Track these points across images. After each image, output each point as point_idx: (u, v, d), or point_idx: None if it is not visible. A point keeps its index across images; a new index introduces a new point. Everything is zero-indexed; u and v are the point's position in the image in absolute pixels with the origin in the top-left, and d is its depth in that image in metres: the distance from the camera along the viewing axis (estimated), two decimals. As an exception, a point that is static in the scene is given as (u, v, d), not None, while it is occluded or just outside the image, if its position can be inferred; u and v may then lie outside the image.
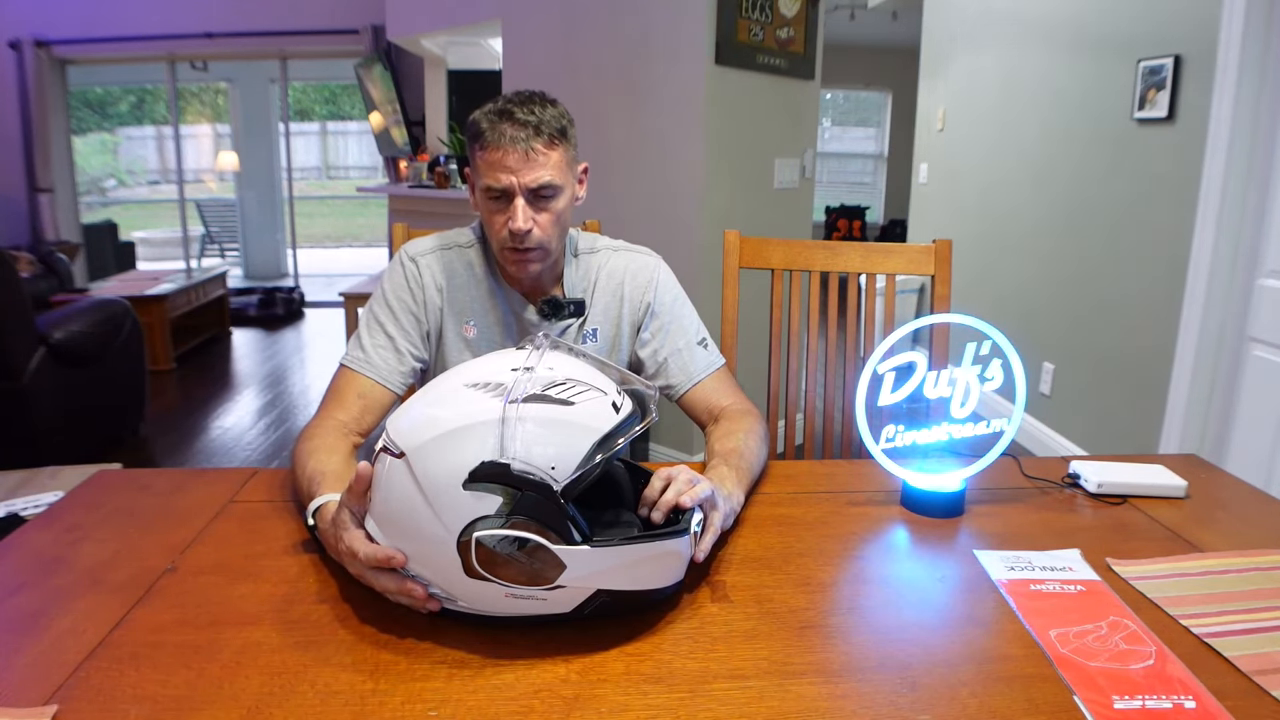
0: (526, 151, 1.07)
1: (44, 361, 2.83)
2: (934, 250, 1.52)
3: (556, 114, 1.11)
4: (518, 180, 1.08)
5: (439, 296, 1.22)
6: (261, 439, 3.57)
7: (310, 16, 5.96)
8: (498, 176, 1.08)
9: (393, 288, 1.22)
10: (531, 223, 1.10)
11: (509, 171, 1.08)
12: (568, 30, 3.18)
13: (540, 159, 1.08)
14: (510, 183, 1.08)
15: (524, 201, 1.09)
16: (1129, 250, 2.82)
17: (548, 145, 1.09)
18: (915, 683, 0.69)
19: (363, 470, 0.76)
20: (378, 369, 1.16)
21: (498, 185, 1.09)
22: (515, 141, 1.07)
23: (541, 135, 1.08)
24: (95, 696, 0.66)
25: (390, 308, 1.21)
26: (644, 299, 1.27)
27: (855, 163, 9.55)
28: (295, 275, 7.25)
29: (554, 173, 1.10)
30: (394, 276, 1.23)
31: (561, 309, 1.21)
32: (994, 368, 1.00)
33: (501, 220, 1.11)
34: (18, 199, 6.14)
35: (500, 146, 1.07)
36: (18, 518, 1.69)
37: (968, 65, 4.12)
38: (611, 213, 2.91)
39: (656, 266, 1.29)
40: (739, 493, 0.98)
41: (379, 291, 1.23)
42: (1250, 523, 1.05)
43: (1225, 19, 2.34)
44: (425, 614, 0.77)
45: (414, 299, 1.21)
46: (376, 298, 1.22)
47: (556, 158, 1.10)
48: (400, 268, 1.23)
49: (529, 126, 1.07)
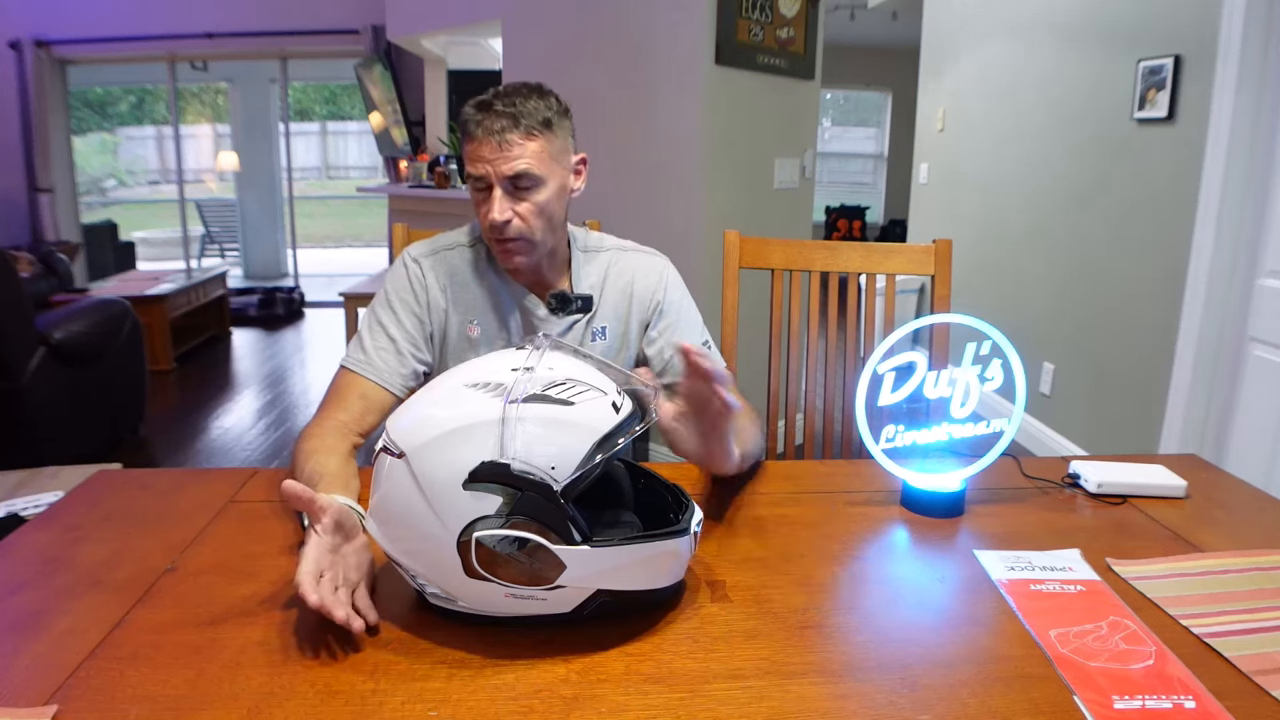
0: (500, 143, 1.08)
1: (44, 361, 2.83)
2: (934, 250, 1.52)
3: (541, 105, 1.11)
4: (493, 170, 1.09)
5: (443, 297, 1.22)
6: (261, 439, 3.57)
7: (310, 16, 5.96)
8: (476, 165, 1.10)
9: (395, 289, 1.22)
10: (510, 213, 1.11)
11: (485, 161, 1.09)
12: (568, 30, 3.19)
13: (515, 149, 1.09)
14: (486, 172, 1.10)
15: (501, 192, 1.10)
16: (1129, 250, 2.82)
17: (525, 136, 1.09)
18: (915, 683, 0.69)
19: (285, 490, 0.76)
20: (379, 371, 1.16)
21: (475, 174, 1.11)
22: (490, 133, 1.08)
23: (519, 126, 1.09)
24: (95, 696, 0.66)
25: (393, 309, 1.20)
26: (653, 298, 1.28)
27: (855, 163, 9.55)
28: (295, 275, 7.25)
29: (531, 163, 1.10)
30: (397, 278, 1.23)
31: (570, 303, 1.22)
32: (994, 368, 1.00)
33: (485, 211, 1.13)
34: (18, 199, 6.14)
35: (477, 137, 1.09)
36: (18, 518, 1.69)
37: (968, 65, 4.13)
38: (611, 213, 2.90)
39: (665, 267, 1.31)
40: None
41: (382, 293, 1.23)
42: (1250, 523, 1.05)
43: (1225, 19, 2.34)
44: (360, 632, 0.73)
45: (417, 300, 1.21)
46: (379, 299, 1.22)
47: (535, 148, 1.10)
48: (404, 269, 1.23)
49: (505, 117, 1.08)
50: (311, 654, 0.72)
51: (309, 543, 0.75)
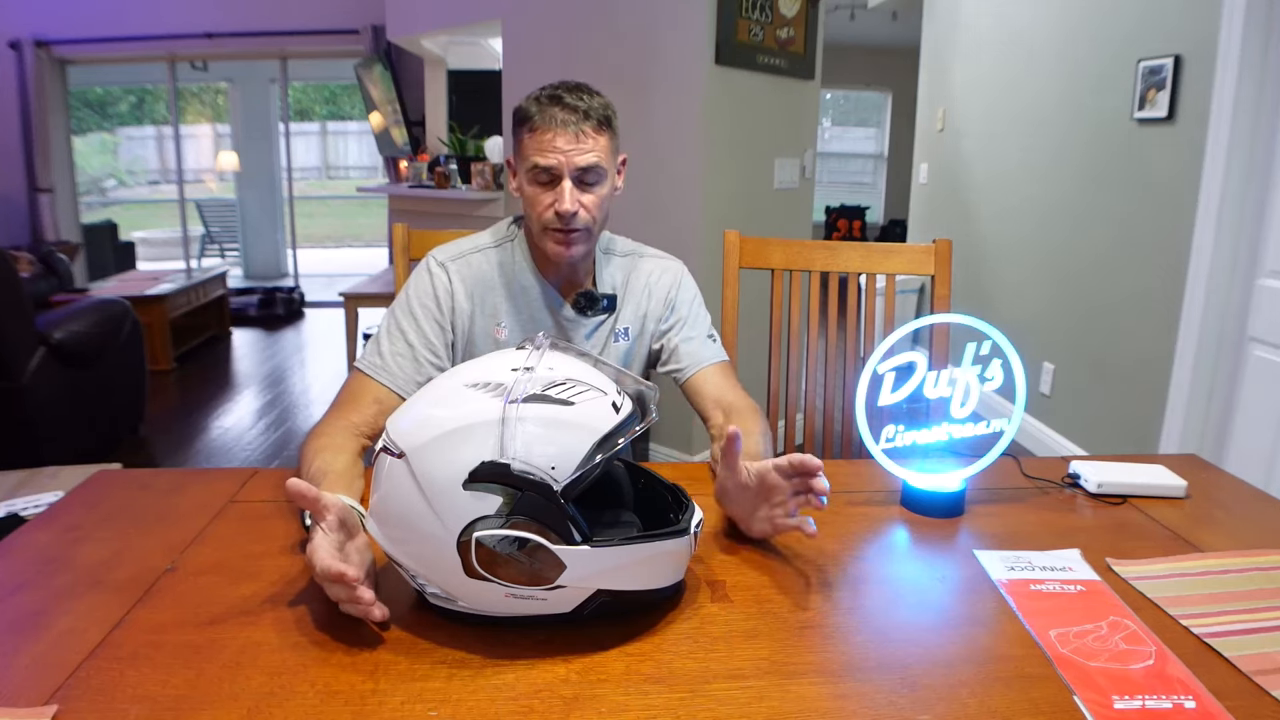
0: (576, 134, 1.10)
1: (44, 361, 2.83)
2: (934, 250, 1.52)
3: (603, 103, 1.14)
4: (566, 161, 1.11)
5: (469, 302, 1.22)
6: (261, 439, 3.57)
7: (310, 16, 5.95)
8: (546, 155, 1.11)
9: (418, 295, 1.21)
10: (578, 204, 1.13)
11: (558, 152, 1.10)
12: (568, 30, 3.18)
13: (589, 142, 1.11)
14: (559, 162, 1.11)
15: (571, 183, 1.12)
16: (1129, 250, 2.82)
17: (596, 130, 1.12)
18: (915, 683, 0.69)
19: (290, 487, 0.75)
20: (394, 376, 1.16)
21: (545, 163, 1.11)
22: (565, 124, 1.10)
23: (590, 119, 1.11)
24: (95, 696, 0.66)
25: (414, 315, 1.20)
26: (668, 296, 1.32)
27: (855, 163, 9.55)
28: (295, 275, 7.25)
29: (601, 156, 1.13)
30: (420, 283, 1.22)
31: (596, 303, 1.24)
32: (994, 368, 1.00)
33: (547, 201, 1.13)
34: (18, 199, 6.14)
35: (550, 129, 1.10)
36: (18, 518, 1.69)
37: (968, 65, 4.13)
38: (612, 212, 2.91)
39: (681, 270, 1.35)
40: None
41: (403, 297, 1.22)
42: (1250, 523, 1.05)
43: (1225, 19, 2.34)
44: (378, 623, 0.75)
45: (439, 308, 1.21)
46: (400, 303, 1.22)
47: (604, 143, 1.13)
48: (428, 274, 1.22)
49: (578, 111, 1.10)
50: (312, 654, 0.72)
51: (316, 539, 0.76)
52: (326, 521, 0.77)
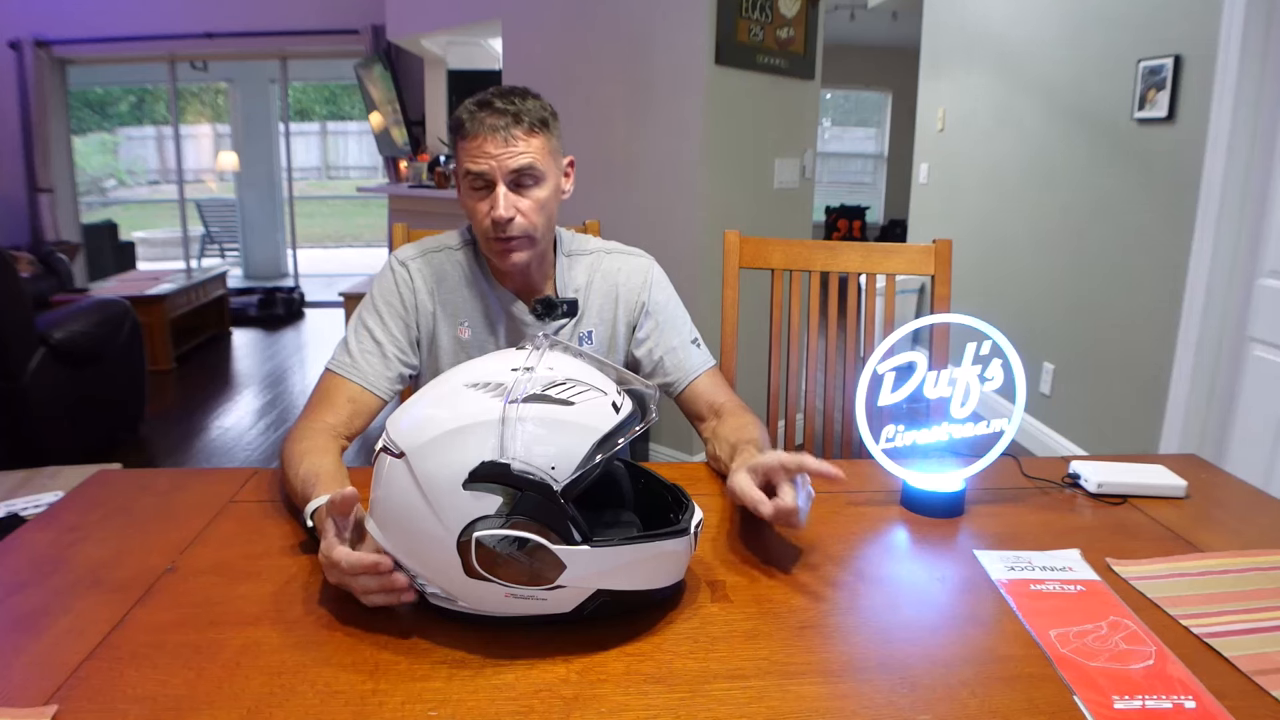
0: (505, 138, 1.09)
1: (44, 361, 2.83)
2: (934, 250, 1.52)
3: (537, 105, 1.12)
4: (498, 165, 1.09)
5: (430, 300, 1.22)
6: (261, 439, 3.57)
7: (310, 16, 5.95)
8: (477, 161, 1.10)
9: (382, 293, 1.21)
10: (514, 210, 1.11)
11: (489, 157, 1.09)
12: (567, 30, 3.18)
13: (519, 144, 1.09)
14: (490, 167, 1.09)
15: (505, 188, 1.10)
16: (1129, 250, 2.83)
17: (527, 132, 1.10)
18: (915, 683, 0.69)
19: (348, 493, 0.77)
20: (364, 374, 1.16)
21: (476, 169, 1.10)
22: (494, 129, 1.08)
23: (521, 123, 1.09)
24: (95, 696, 0.66)
25: (379, 313, 1.20)
26: (639, 299, 1.27)
27: (855, 163, 9.55)
28: (295, 275, 7.25)
29: (535, 157, 1.11)
30: (384, 282, 1.22)
31: (555, 308, 1.21)
32: (994, 368, 1.00)
33: (484, 209, 1.12)
34: (18, 199, 6.14)
35: (479, 134, 1.09)
36: (18, 518, 1.69)
37: (968, 65, 4.12)
38: (611, 213, 2.90)
39: (649, 267, 1.30)
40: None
41: (368, 297, 1.22)
42: (1250, 523, 1.05)
43: (1225, 19, 2.34)
44: (408, 608, 0.77)
45: (404, 304, 1.21)
46: (365, 303, 1.22)
47: (537, 144, 1.11)
48: (390, 273, 1.23)
49: (508, 114, 1.09)
50: (312, 654, 0.72)
51: (330, 539, 0.76)
52: (348, 522, 0.78)
